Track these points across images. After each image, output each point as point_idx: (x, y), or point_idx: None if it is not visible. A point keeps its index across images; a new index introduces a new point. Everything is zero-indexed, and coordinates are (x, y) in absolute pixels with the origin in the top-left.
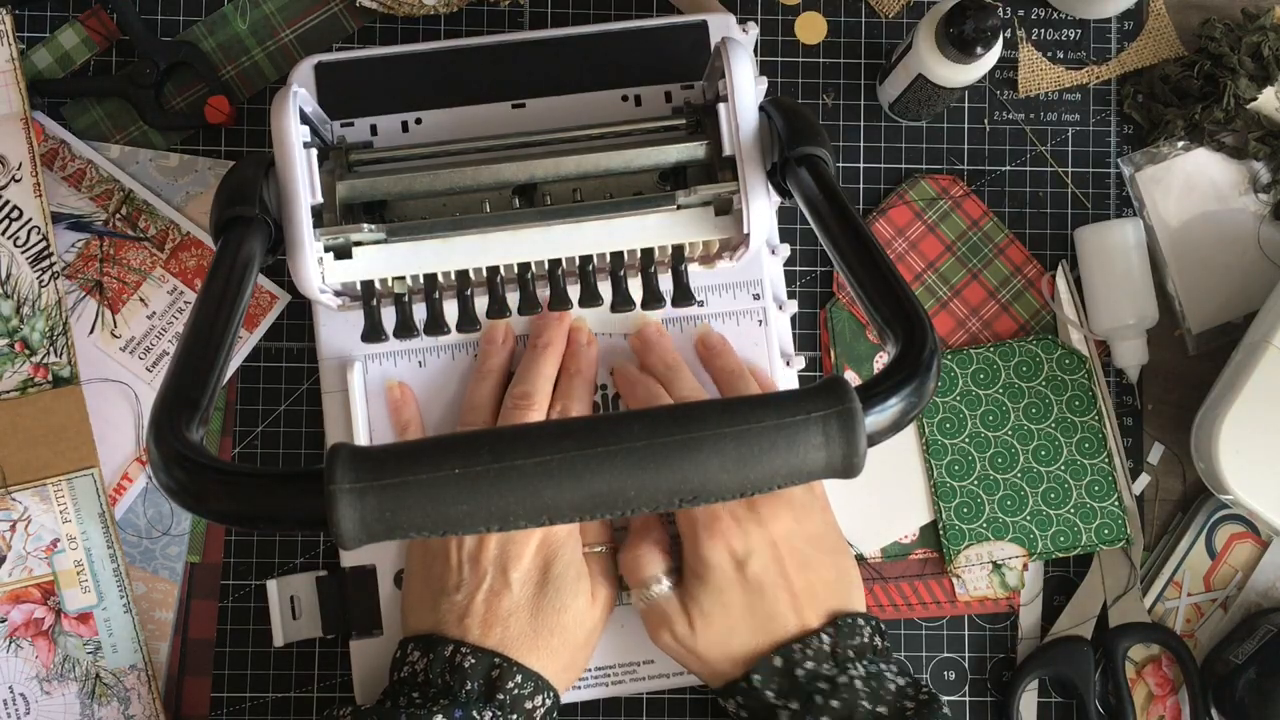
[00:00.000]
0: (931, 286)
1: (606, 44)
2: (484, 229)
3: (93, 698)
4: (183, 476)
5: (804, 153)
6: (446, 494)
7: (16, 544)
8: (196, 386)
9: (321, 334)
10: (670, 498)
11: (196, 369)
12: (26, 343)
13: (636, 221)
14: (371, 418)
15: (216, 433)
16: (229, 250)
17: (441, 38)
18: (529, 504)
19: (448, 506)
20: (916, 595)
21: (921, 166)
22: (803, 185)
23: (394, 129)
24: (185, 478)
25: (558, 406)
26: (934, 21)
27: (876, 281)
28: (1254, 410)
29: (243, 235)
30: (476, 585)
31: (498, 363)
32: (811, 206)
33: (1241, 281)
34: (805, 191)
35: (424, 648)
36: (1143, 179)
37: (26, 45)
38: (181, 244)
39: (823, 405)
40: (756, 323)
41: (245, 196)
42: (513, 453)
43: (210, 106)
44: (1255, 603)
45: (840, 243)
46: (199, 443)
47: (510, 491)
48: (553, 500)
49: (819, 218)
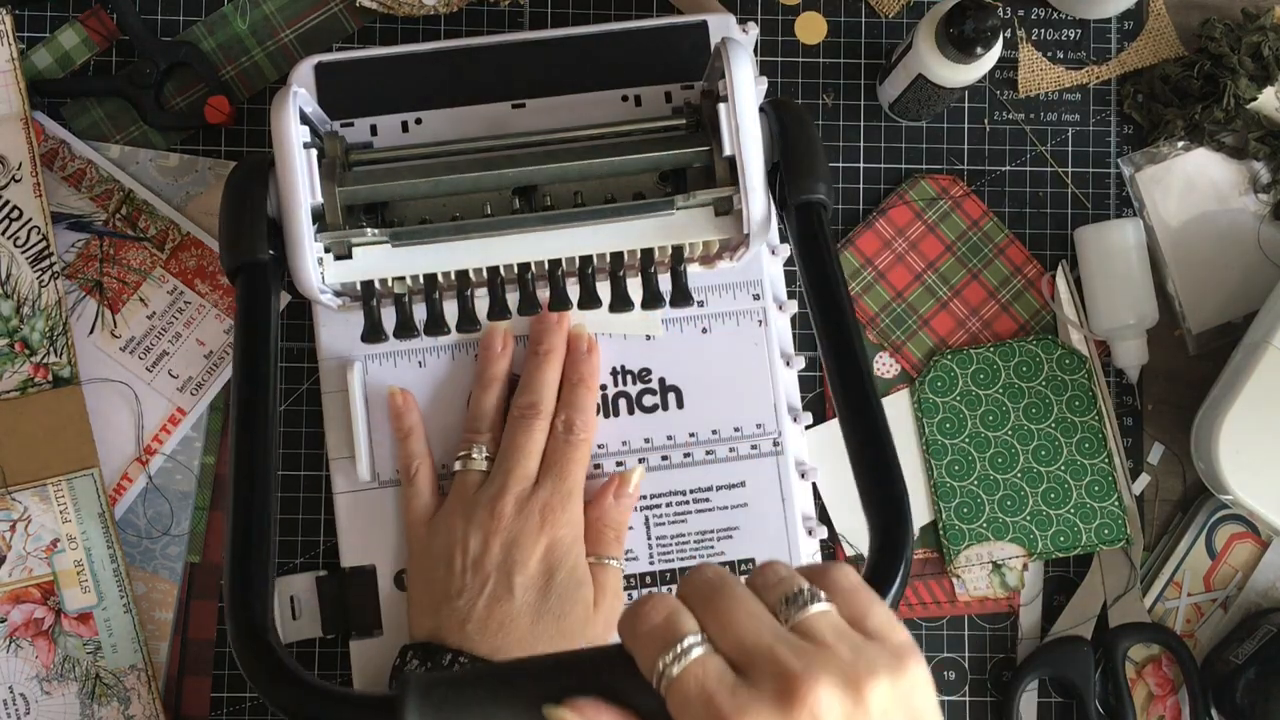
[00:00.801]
0: (931, 286)
1: (606, 44)
2: (484, 233)
3: (93, 698)
4: (265, 681)
5: (805, 200)
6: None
7: (16, 544)
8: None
9: (321, 334)
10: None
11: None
12: (26, 343)
13: (636, 222)
14: (371, 418)
15: (217, 434)
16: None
17: (441, 38)
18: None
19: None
20: (916, 595)
21: (921, 166)
22: (801, 237)
23: (394, 129)
24: (267, 683)
25: (562, 415)
26: (934, 21)
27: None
28: (1254, 410)
29: (256, 286)
30: (479, 591)
31: (500, 369)
32: (803, 260)
33: (1241, 281)
34: (800, 245)
35: (423, 656)
36: (1143, 179)
37: (26, 45)
38: (181, 244)
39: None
40: (756, 323)
41: (249, 238)
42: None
43: (210, 106)
44: (1255, 603)
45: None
46: (277, 644)
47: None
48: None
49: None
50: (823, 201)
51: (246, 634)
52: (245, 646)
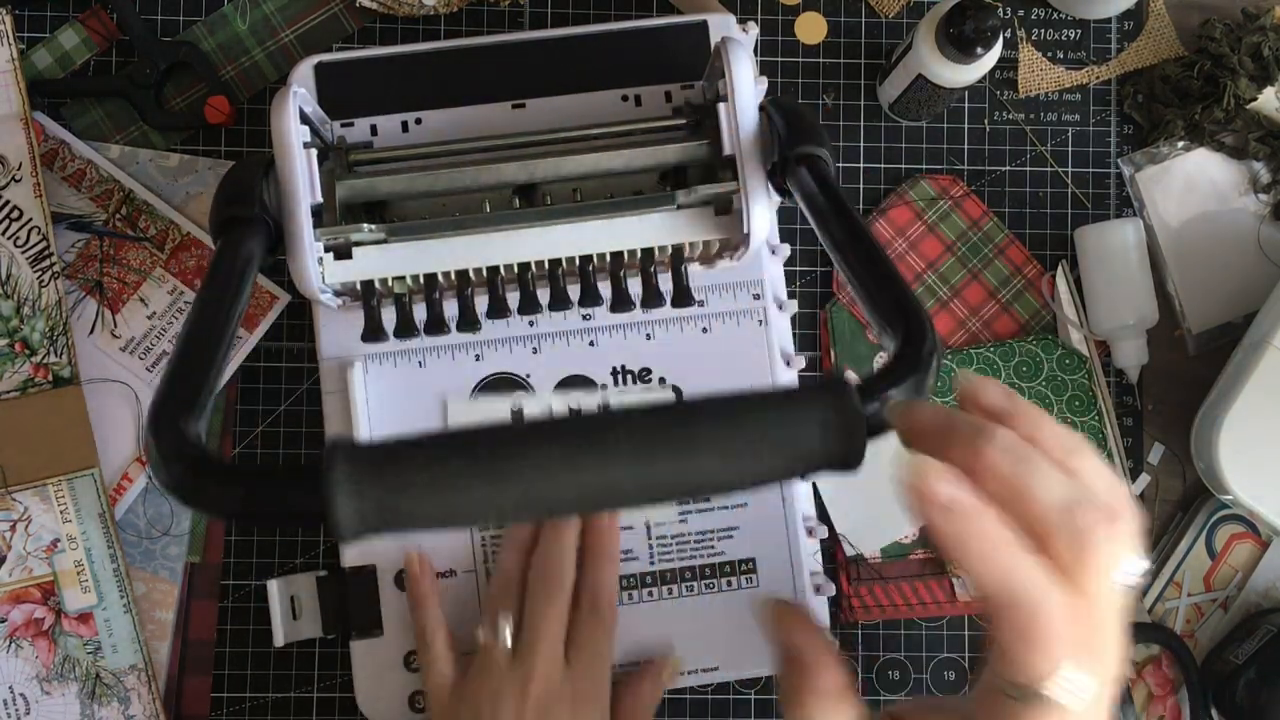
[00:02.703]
0: (931, 287)
1: (606, 44)
2: (484, 229)
3: (93, 698)
4: (181, 472)
5: (804, 152)
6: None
7: (16, 544)
8: (195, 384)
9: (321, 334)
10: (668, 491)
11: (195, 367)
12: (26, 343)
13: (636, 221)
14: (371, 418)
15: (216, 433)
16: (228, 250)
17: (441, 38)
18: (527, 498)
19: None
20: (916, 595)
21: (921, 166)
22: (802, 184)
23: (394, 129)
24: (183, 473)
25: (587, 593)
26: (934, 21)
27: (876, 280)
28: (1254, 410)
29: (242, 235)
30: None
31: (526, 533)
32: (811, 206)
33: (1241, 281)
34: (805, 191)
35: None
36: (1143, 179)
37: (26, 45)
38: (181, 244)
39: (823, 399)
40: (756, 323)
41: (244, 196)
42: (511, 446)
43: (210, 106)
44: (1255, 603)
45: (840, 242)
46: (198, 439)
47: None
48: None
49: (819, 217)
50: (825, 156)
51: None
52: (159, 435)
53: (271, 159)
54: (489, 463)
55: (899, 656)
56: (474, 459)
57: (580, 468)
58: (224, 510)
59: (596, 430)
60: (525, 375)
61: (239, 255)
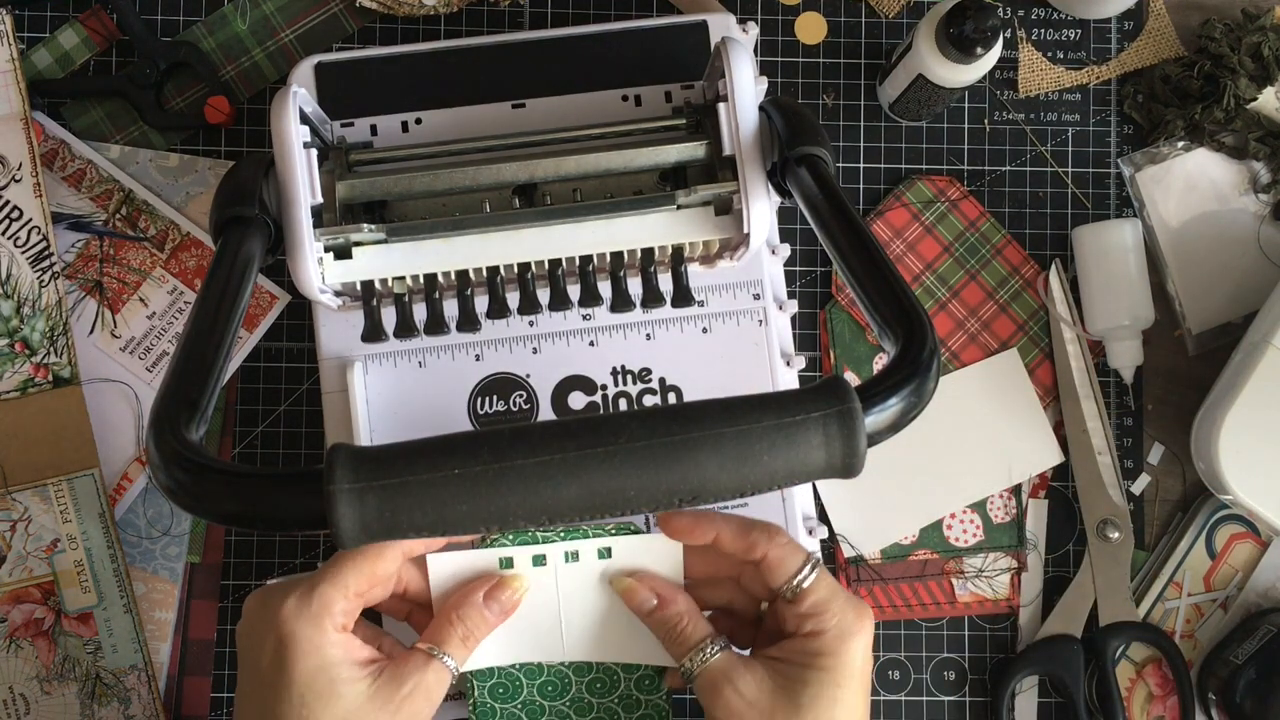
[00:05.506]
0: (929, 288)
1: (606, 44)
2: (484, 229)
3: (93, 698)
4: (182, 476)
5: (804, 152)
6: (446, 494)
7: (16, 544)
8: (196, 386)
9: (321, 334)
10: (669, 497)
11: (196, 369)
12: (26, 343)
13: (636, 221)
14: (372, 418)
15: (216, 433)
16: (228, 250)
17: (441, 38)
18: (529, 504)
19: (447, 506)
20: (916, 596)
21: (921, 167)
22: (802, 185)
23: (394, 129)
24: (184, 478)
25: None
26: (934, 21)
27: (876, 281)
28: (1254, 410)
29: (242, 235)
30: None
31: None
32: (811, 206)
33: (1241, 281)
34: (805, 191)
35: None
36: (1143, 179)
37: (26, 45)
38: (181, 244)
39: (823, 405)
40: (756, 323)
41: (244, 196)
42: (512, 452)
43: (210, 106)
44: (1255, 603)
45: (840, 242)
46: (199, 443)
47: (510, 491)
48: (552, 500)
49: (818, 217)
50: (824, 156)
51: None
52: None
53: (271, 159)
54: (491, 468)
55: (899, 656)
56: (476, 465)
57: (582, 474)
58: (223, 515)
59: (599, 436)
60: (525, 375)
61: (239, 255)
